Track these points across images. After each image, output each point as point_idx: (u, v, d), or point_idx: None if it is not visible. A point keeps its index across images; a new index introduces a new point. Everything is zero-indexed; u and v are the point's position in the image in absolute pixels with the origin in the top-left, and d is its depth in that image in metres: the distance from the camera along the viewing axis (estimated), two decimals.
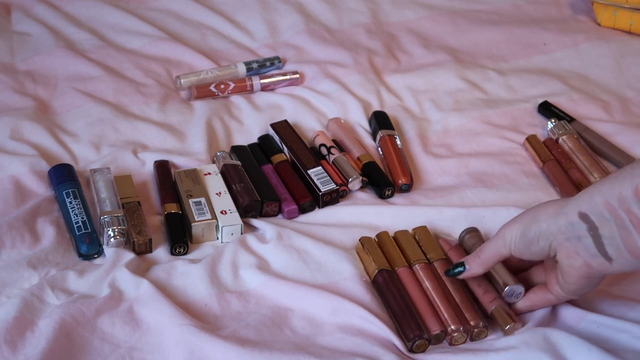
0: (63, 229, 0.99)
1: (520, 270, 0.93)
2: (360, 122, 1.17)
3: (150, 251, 0.98)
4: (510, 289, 0.91)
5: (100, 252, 0.97)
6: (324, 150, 1.10)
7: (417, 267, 0.95)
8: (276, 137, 1.12)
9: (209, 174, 1.05)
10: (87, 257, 0.96)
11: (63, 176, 1.03)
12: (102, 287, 0.92)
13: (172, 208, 1.01)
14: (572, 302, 0.92)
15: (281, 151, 1.10)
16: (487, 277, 0.94)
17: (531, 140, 1.14)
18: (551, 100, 1.20)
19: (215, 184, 1.04)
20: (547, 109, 1.19)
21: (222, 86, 1.20)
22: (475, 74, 1.26)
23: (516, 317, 0.90)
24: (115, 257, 0.95)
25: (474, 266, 0.90)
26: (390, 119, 1.16)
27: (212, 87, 1.20)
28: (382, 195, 1.06)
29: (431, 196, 1.06)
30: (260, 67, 1.25)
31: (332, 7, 1.37)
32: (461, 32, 1.34)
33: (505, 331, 0.90)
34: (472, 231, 0.98)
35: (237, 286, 0.94)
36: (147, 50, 1.27)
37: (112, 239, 0.96)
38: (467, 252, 0.96)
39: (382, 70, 1.26)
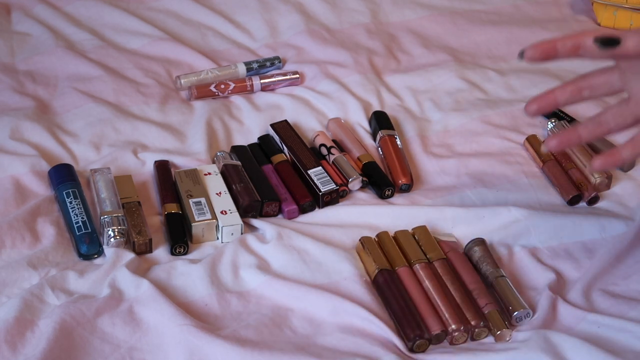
0: (63, 229, 0.99)
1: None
2: (360, 122, 1.17)
3: (150, 251, 0.98)
4: (518, 314, 0.91)
5: (100, 252, 0.97)
6: (324, 150, 1.10)
7: (417, 266, 0.95)
8: (276, 137, 1.12)
9: (209, 174, 1.05)
10: (87, 257, 0.96)
11: (63, 176, 1.03)
12: (102, 287, 0.92)
13: (172, 208, 1.01)
14: (573, 302, 0.92)
15: (281, 151, 1.10)
16: (482, 282, 0.95)
17: (531, 140, 1.14)
18: None
19: (215, 184, 1.04)
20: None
21: (222, 86, 1.20)
22: (475, 74, 1.26)
23: (510, 325, 0.91)
24: (115, 257, 0.95)
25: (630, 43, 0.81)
26: (390, 119, 1.16)
27: (212, 87, 1.20)
28: (382, 195, 1.06)
29: (431, 196, 1.06)
30: (260, 67, 1.25)
31: (332, 7, 1.37)
32: (461, 32, 1.34)
33: (497, 337, 0.90)
34: (480, 244, 0.97)
35: (237, 286, 0.94)
36: (147, 50, 1.27)
37: (112, 239, 0.96)
38: (472, 264, 0.97)
39: (382, 70, 1.26)
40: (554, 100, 0.84)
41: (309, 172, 1.06)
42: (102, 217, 0.98)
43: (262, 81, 1.21)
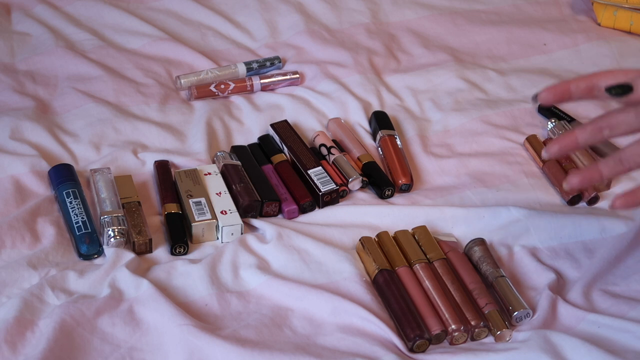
0: (63, 229, 0.99)
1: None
2: (360, 122, 1.17)
3: (150, 251, 0.98)
4: (518, 314, 0.91)
5: (100, 252, 0.97)
6: (324, 150, 1.10)
7: (417, 266, 0.95)
8: (276, 137, 1.12)
9: (209, 174, 1.05)
10: (87, 257, 0.96)
11: (63, 176, 1.03)
12: (102, 287, 0.92)
13: (172, 208, 1.01)
14: (573, 302, 0.92)
15: (281, 151, 1.10)
16: (482, 282, 0.95)
17: (531, 140, 1.14)
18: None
19: (215, 184, 1.04)
20: (547, 109, 1.19)
21: (222, 86, 1.20)
22: (475, 74, 1.26)
23: (510, 325, 0.91)
24: (115, 257, 0.95)
25: None
26: (390, 119, 1.16)
27: (212, 87, 1.20)
28: (382, 195, 1.06)
29: (431, 196, 1.06)
30: (260, 67, 1.25)
31: (332, 7, 1.37)
32: (461, 32, 1.34)
33: (497, 337, 0.90)
34: (480, 244, 0.97)
35: (237, 286, 0.94)
36: (147, 50, 1.27)
37: (112, 239, 0.96)
38: (472, 264, 0.97)
39: (382, 70, 1.26)
40: (574, 140, 0.84)
41: (309, 172, 1.06)
42: (102, 217, 0.98)
43: (262, 81, 1.21)
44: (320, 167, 1.06)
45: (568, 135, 0.84)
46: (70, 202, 1.00)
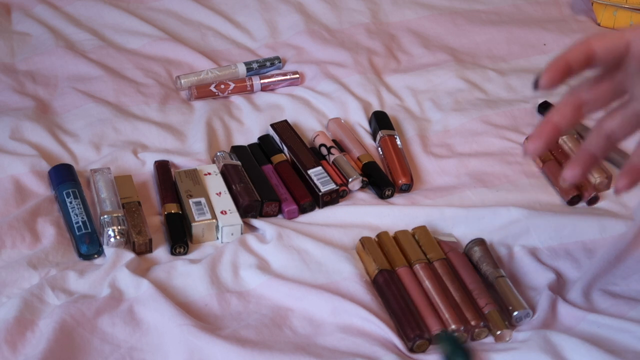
0: (63, 229, 0.99)
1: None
2: (360, 122, 1.17)
3: (150, 251, 0.98)
4: (518, 314, 0.91)
5: (100, 252, 0.97)
6: (324, 150, 1.10)
7: (417, 267, 0.95)
8: (276, 137, 1.12)
9: (209, 174, 1.05)
10: (87, 257, 0.96)
11: (63, 176, 1.03)
12: (102, 287, 0.92)
13: (172, 208, 1.01)
14: (573, 302, 0.92)
15: (281, 151, 1.10)
16: (482, 282, 0.95)
17: None
18: (551, 100, 1.20)
19: (215, 184, 1.04)
20: (547, 109, 1.19)
21: (222, 86, 1.20)
22: (475, 74, 1.26)
23: (510, 325, 0.90)
24: (115, 257, 0.95)
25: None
26: (390, 119, 1.16)
27: (212, 87, 1.20)
28: (382, 195, 1.06)
29: (431, 196, 1.06)
30: (260, 67, 1.25)
31: (332, 7, 1.37)
32: (461, 32, 1.34)
33: (497, 337, 0.90)
34: (480, 244, 0.97)
35: (237, 286, 0.94)
36: (147, 50, 1.27)
37: (112, 239, 0.96)
38: (472, 264, 0.96)
39: (382, 70, 1.26)
40: (555, 128, 0.74)
41: (309, 172, 1.06)
42: (102, 217, 0.98)
43: (262, 81, 1.21)
44: (320, 167, 1.06)
45: (546, 125, 0.74)
46: (70, 202, 1.00)
